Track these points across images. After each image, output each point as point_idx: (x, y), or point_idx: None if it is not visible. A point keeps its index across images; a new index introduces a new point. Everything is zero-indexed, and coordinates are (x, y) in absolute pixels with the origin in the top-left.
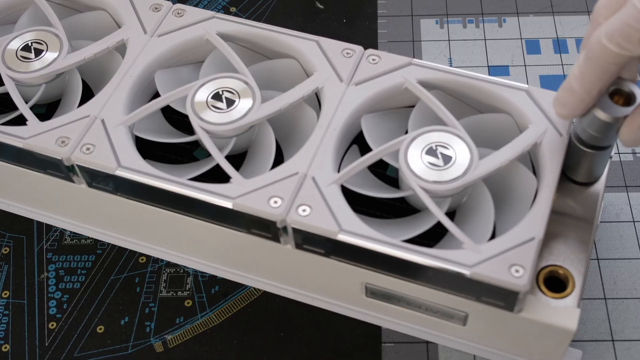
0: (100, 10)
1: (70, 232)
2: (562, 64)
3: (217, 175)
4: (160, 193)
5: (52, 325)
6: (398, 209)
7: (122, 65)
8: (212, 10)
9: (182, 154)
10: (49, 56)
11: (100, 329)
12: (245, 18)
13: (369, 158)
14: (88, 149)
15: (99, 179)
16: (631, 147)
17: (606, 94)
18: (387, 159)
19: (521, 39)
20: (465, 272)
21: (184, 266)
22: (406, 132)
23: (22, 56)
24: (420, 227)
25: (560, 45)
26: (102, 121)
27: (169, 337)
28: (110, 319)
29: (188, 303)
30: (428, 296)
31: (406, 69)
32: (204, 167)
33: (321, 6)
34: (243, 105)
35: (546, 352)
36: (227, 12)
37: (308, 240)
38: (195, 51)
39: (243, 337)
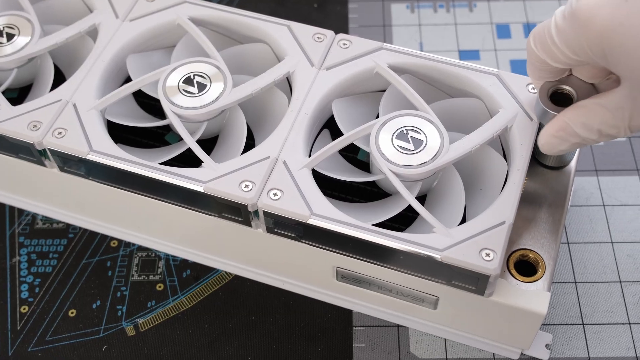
0: None
1: (42, 216)
2: None
3: (188, 160)
4: (132, 177)
5: (24, 309)
6: (369, 193)
7: (93, 49)
8: None
9: (154, 138)
10: (20, 41)
11: (72, 312)
12: (217, 3)
13: (340, 142)
14: (60, 133)
15: (70, 163)
16: (545, 152)
17: (547, 89)
18: (358, 143)
19: (492, 23)
20: (436, 256)
21: (156, 250)
22: (377, 117)
23: None
24: (391, 211)
25: (530, 30)
26: (74, 105)
27: (140, 321)
28: (82, 303)
29: (160, 287)
30: (399, 280)
31: (377, 54)
32: (175, 151)
33: None
34: (214, 89)
35: (517, 335)
36: None
37: (279, 224)
38: (167, 36)
39: (214, 320)
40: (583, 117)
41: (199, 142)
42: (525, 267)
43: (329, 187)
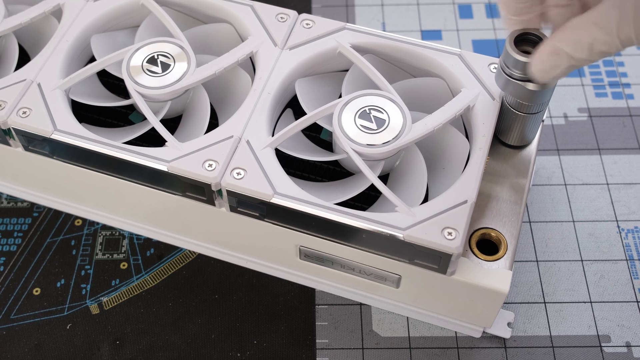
0: None
1: (7, 195)
2: (495, 29)
3: (152, 139)
4: (96, 156)
5: None
6: (332, 172)
7: (58, 29)
8: None
9: (118, 118)
10: None
11: (36, 291)
12: None
13: (303, 121)
14: (24, 112)
15: (35, 143)
16: (539, 79)
17: (512, 42)
18: (321, 123)
19: (454, 3)
20: (399, 234)
21: (120, 229)
22: (340, 96)
23: None
24: (354, 190)
25: (492, 10)
26: (39, 85)
27: (104, 299)
28: (46, 281)
29: (124, 265)
30: (361, 259)
31: (340, 34)
32: (139, 131)
33: None
34: (178, 69)
35: (479, 314)
36: None
37: (242, 203)
38: (131, 16)
39: (178, 299)
40: (572, 36)
41: (162, 121)
42: (487, 246)
43: (292, 166)
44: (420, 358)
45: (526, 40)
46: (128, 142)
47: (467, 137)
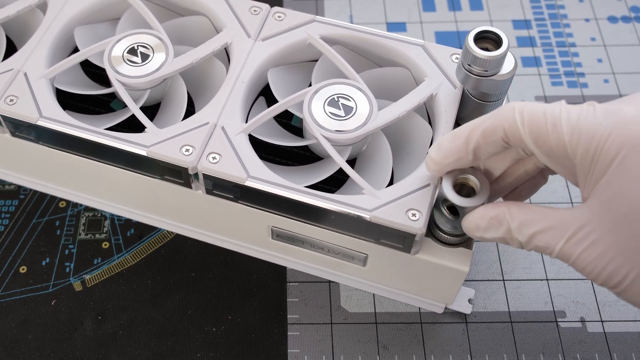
0: None
1: None
2: (456, 21)
3: (132, 125)
4: (79, 142)
5: None
6: (302, 157)
7: (43, 21)
8: None
9: (100, 105)
10: None
11: (22, 269)
12: None
13: (275, 109)
14: (12, 100)
15: (21, 129)
16: (466, 229)
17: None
18: (292, 110)
19: None
20: (365, 216)
21: (102, 210)
22: (310, 85)
23: None
24: (323, 173)
25: (454, 4)
26: (25, 74)
27: (87, 277)
28: (32, 260)
29: (105, 245)
30: (330, 238)
31: (310, 26)
32: (120, 118)
33: None
34: (157, 59)
35: (441, 291)
36: None
37: (218, 186)
38: (112, 9)
39: (157, 276)
40: (525, 215)
41: (142, 108)
42: None
43: (265, 151)
44: (385, 332)
45: (485, 38)
46: (109, 128)
47: (430, 123)
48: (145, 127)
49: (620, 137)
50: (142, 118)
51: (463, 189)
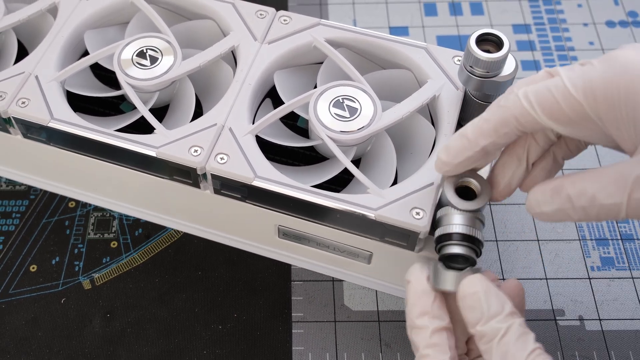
0: None
1: (6, 179)
2: (457, 25)
3: (142, 127)
4: (90, 143)
5: None
6: (308, 157)
7: (54, 26)
8: None
9: (110, 107)
10: None
11: (33, 268)
12: None
13: (281, 110)
14: (23, 102)
15: (33, 130)
16: (528, 207)
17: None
18: (297, 111)
19: (419, 2)
20: (370, 214)
21: (110, 210)
22: (315, 87)
23: None
24: (329, 173)
25: (455, 8)
26: (36, 77)
27: (96, 276)
28: (42, 259)
29: (114, 244)
30: (336, 237)
31: (315, 29)
32: (129, 119)
33: None
34: (165, 62)
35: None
36: None
37: (226, 186)
38: (121, 13)
39: (164, 275)
40: (581, 180)
41: (151, 110)
42: None
43: (271, 151)
44: (388, 330)
45: (487, 40)
46: (119, 130)
47: (433, 124)
48: (155, 129)
49: (634, 74)
50: (152, 119)
51: (464, 193)
